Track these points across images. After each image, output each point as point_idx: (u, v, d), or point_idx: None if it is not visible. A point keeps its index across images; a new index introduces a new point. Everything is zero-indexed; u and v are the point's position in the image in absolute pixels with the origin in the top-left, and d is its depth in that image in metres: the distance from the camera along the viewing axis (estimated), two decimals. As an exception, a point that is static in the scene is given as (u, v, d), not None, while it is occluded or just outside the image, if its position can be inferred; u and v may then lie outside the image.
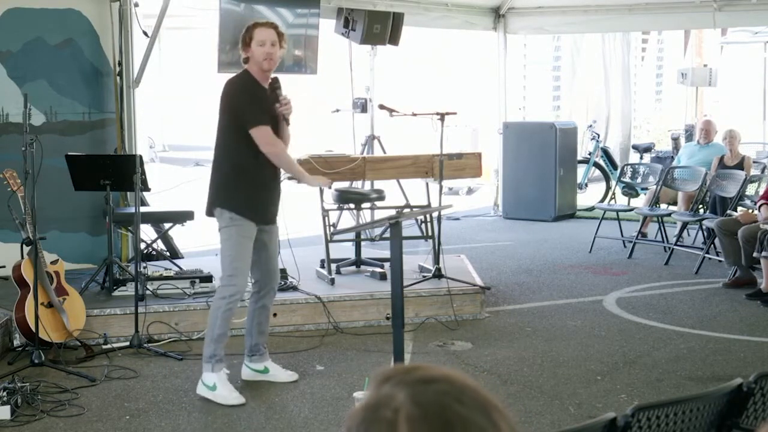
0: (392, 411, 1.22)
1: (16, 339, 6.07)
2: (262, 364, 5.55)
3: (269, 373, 5.53)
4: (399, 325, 4.75)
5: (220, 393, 5.17)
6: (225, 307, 5.22)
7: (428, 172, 7.55)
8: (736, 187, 8.84)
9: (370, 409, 1.25)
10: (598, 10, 11.23)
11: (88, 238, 7.86)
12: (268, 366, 5.56)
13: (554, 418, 4.91)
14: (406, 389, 1.24)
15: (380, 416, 1.23)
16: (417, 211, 7.18)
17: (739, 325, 6.89)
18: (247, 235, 5.23)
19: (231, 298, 5.21)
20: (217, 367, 5.23)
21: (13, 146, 6.73)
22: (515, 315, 7.20)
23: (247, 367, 5.56)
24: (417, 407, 1.22)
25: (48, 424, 4.83)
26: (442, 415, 1.22)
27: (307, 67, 9.06)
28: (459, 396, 1.24)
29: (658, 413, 2.65)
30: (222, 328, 5.23)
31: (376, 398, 1.26)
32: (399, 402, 1.23)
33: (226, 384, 5.23)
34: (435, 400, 1.23)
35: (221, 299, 5.24)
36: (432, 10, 10.68)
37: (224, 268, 5.27)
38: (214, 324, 5.23)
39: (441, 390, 1.24)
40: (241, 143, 5.19)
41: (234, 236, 5.21)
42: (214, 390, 5.19)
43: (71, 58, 7.73)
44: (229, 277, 5.22)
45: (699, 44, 16.85)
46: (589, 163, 12.96)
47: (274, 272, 5.50)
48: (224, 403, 5.13)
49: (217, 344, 5.23)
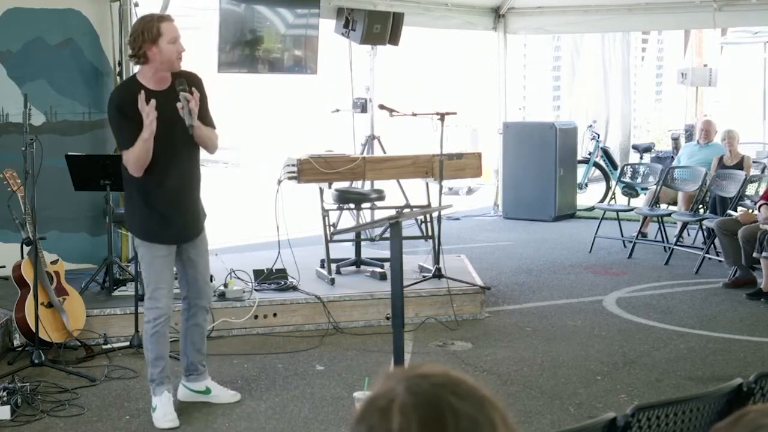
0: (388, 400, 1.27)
1: (16, 339, 6.07)
2: (203, 384, 5.20)
3: (211, 394, 5.20)
4: (399, 325, 4.75)
5: (156, 415, 4.89)
6: (151, 330, 4.90)
7: (428, 172, 7.55)
8: (736, 187, 8.84)
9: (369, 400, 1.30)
10: (598, 10, 11.23)
11: (88, 238, 7.86)
12: (209, 386, 5.22)
13: (554, 418, 4.91)
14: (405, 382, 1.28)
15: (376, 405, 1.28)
16: (417, 211, 7.18)
17: (739, 325, 6.89)
18: (159, 255, 4.87)
19: (155, 321, 4.88)
20: (158, 390, 4.91)
21: (13, 146, 6.73)
22: (515, 315, 7.20)
23: (185, 387, 5.22)
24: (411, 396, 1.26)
25: (48, 424, 4.83)
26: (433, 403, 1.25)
27: (307, 67, 9.06)
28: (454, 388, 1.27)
29: (658, 413, 2.65)
30: (154, 351, 4.90)
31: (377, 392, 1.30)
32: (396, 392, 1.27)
33: (165, 406, 4.91)
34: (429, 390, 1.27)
35: (147, 323, 4.93)
36: (432, 10, 10.68)
37: (145, 290, 4.97)
38: (146, 348, 4.96)
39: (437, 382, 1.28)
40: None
41: (146, 257, 4.91)
42: (153, 410, 4.92)
43: (71, 58, 7.72)
44: (149, 300, 4.90)
45: (699, 44, 16.85)
46: (589, 163, 12.96)
47: (202, 290, 5.10)
48: (157, 425, 4.83)
49: (154, 368, 4.91)
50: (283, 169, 7.14)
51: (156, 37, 4.65)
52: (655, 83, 18.57)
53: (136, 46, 4.70)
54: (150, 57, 4.69)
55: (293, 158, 7.17)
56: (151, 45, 4.66)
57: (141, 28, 4.70)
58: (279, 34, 8.85)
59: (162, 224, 4.87)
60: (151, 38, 4.65)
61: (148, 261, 4.90)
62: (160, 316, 4.90)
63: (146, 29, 4.67)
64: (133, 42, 4.72)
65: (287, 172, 7.13)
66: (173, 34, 4.70)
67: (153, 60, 4.70)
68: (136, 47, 4.70)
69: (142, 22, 4.78)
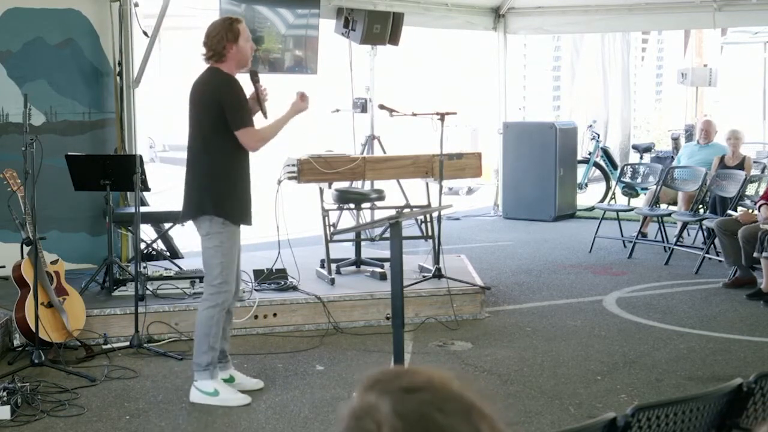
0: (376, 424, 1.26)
1: (16, 339, 6.07)
2: (227, 372, 5.34)
3: (234, 382, 5.33)
4: (399, 325, 4.75)
5: (225, 396, 5.11)
6: (217, 315, 5.12)
7: (428, 172, 7.54)
8: (736, 187, 8.84)
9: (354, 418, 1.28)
10: (598, 10, 11.23)
11: (88, 238, 7.86)
12: (233, 374, 5.37)
13: (554, 418, 4.91)
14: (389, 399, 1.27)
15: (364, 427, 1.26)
16: (417, 211, 7.18)
17: (739, 325, 6.89)
18: (235, 240, 5.15)
19: (223, 305, 5.13)
20: (215, 373, 5.17)
21: (13, 146, 6.73)
22: (515, 315, 7.20)
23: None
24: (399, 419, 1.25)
25: (48, 424, 4.82)
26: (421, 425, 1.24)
27: (307, 67, 9.07)
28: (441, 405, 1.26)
29: (658, 413, 2.65)
30: (217, 335, 5.13)
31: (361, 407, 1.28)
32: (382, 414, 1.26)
33: (227, 386, 5.19)
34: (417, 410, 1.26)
35: (212, 307, 5.11)
36: (432, 10, 10.69)
37: (213, 275, 5.12)
38: (209, 333, 5.11)
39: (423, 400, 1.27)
40: (228, 144, 5.03)
41: (225, 243, 5.08)
42: (216, 395, 5.11)
43: (71, 58, 7.73)
44: (221, 284, 5.09)
45: (699, 44, 16.85)
46: (589, 163, 12.97)
47: (238, 277, 5.38)
48: (232, 405, 5.07)
49: (213, 352, 5.15)
50: (283, 169, 7.14)
51: (237, 35, 5.02)
52: (655, 83, 18.57)
53: (220, 46, 5.01)
54: (229, 55, 5.03)
55: (293, 158, 7.17)
56: (233, 44, 5.01)
57: (223, 29, 5.03)
58: (279, 34, 8.86)
59: (247, 206, 5.18)
60: (233, 37, 5.01)
61: (230, 245, 5.10)
62: (226, 300, 5.15)
63: (228, 29, 5.02)
64: (216, 42, 5.02)
65: (287, 172, 7.12)
66: (247, 33, 5.09)
67: (231, 58, 5.04)
68: (219, 47, 5.02)
69: (223, 23, 5.10)
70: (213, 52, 5.03)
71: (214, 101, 5.03)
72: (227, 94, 5.02)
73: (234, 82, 5.06)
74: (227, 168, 5.09)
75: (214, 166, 5.09)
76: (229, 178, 5.09)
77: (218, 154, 5.07)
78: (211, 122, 5.04)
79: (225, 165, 5.09)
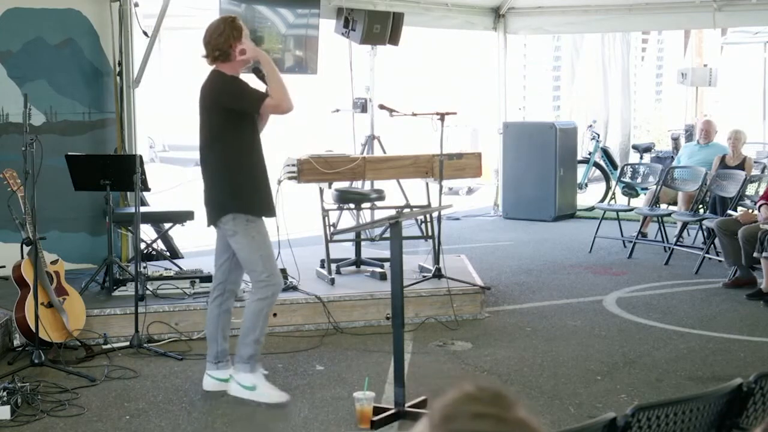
0: None
1: (16, 339, 6.07)
2: (227, 372, 5.28)
3: None
4: (399, 325, 4.76)
5: (262, 392, 5.10)
6: (267, 308, 5.14)
7: (428, 172, 7.54)
8: (736, 187, 8.84)
9: None
10: (598, 10, 11.23)
11: (88, 238, 7.86)
12: (233, 374, 5.28)
13: (554, 418, 4.90)
14: None
15: None
16: (417, 211, 7.18)
17: (739, 325, 6.89)
18: (265, 232, 5.14)
19: (273, 298, 5.14)
20: (256, 368, 5.16)
21: (13, 146, 6.74)
22: (515, 315, 7.20)
23: (210, 376, 5.32)
24: None
25: (48, 424, 4.82)
26: None
27: (307, 67, 9.07)
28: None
29: (658, 413, 2.65)
30: (263, 330, 5.13)
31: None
32: None
33: (267, 383, 5.18)
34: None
35: (262, 300, 5.10)
36: (432, 10, 10.69)
37: (256, 270, 5.08)
38: (256, 326, 5.10)
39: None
40: (242, 140, 5.07)
41: (257, 236, 5.07)
42: (253, 390, 5.10)
43: (71, 58, 7.73)
44: (268, 277, 5.07)
45: (699, 44, 16.85)
46: (589, 163, 12.97)
47: (241, 275, 5.39)
48: (268, 401, 5.06)
49: (258, 346, 5.14)
50: (283, 169, 7.14)
51: (240, 34, 4.99)
52: (655, 83, 18.57)
53: (226, 45, 4.97)
54: (232, 54, 4.98)
55: (293, 158, 7.17)
56: (237, 42, 4.97)
57: (228, 27, 4.99)
58: (279, 34, 8.86)
59: (267, 198, 5.19)
60: (238, 35, 4.99)
61: (261, 239, 5.08)
62: (276, 292, 5.14)
63: (233, 27, 4.99)
64: (223, 42, 4.97)
65: (287, 171, 7.12)
66: (247, 30, 5.06)
67: (236, 56, 4.99)
68: (225, 46, 4.97)
69: (225, 22, 5.06)
70: (219, 52, 5.00)
71: (219, 104, 5.04)
72: (231, 93, 5.03)
73: (235, 79, 5.06)
74: (240, 164, 5.08)
75: (226, 165, 5.08)
76: (244, 173, 5.09)
77: (229, 153, 5.07)
78: (219, 123, 5.06)
79: (238, 161, 5.08)
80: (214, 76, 5.08)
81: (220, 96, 5.05)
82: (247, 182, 5.09)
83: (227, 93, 5.04)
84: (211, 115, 5.08)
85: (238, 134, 5.07)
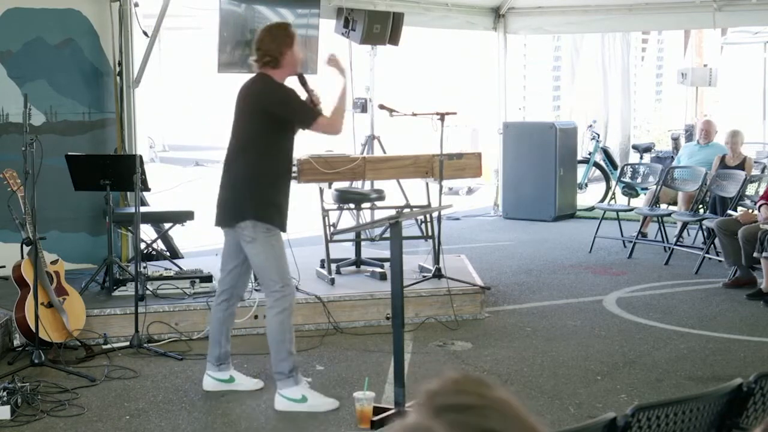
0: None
1: (16, 339, 6.07)
2: (227, 373, 5.33)
3: (235, 382, 5.34)
4: (399, 325, 4.75)
5: (314, 403, 5.03)
6: (288, 320, 5.05)
7: (428, 172, 7.54)
8: (736, 187, 8.84)
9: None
10: (598, 10, 11.23)
11: (88, 238, 7.86)
12: (233, 374, 5.36)
13: (554, 418, 4.90)
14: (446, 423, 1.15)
15: None
16: (417, 211, 7.18)
17: (739, 325, 6.89)
18: (282, 243, 5.09)
19: (291, 307, 5.07)
20: (299, 379, 5.09)
21: (13, 146, 6.74)
22: (515, 315, 7.20)
23: (211, 377, 5.32)
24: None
25: (48, 424, 4.82)
26: None
27: (307, 67, 9.05)
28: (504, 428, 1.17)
29: (658, 413, 2.65)
30: (292, 340, 5.06)
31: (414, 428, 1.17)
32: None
33: (314, 392, 5.12)
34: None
35: (280, 313, 5.03)
36: (432, 10, 10.68)
37: (272, 279, 5.04)
38: (284, 339, 5.03)
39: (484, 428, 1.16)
40: (278, 150, 5.04)
41: (275, 246, 5.02)
42: (305, 401, 5.02)
43: (71, 58, 7.73)
44: (283, 288, 5.02)
45: (699, 44, 16.85)
46: (589, 163, 12.97)
47: (249, 280, 5.46)
48: (321, 410, 5.00)
49: (293, 357, 5.07)
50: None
51: (292, 41, 5.03)
52: (655, 83, 18.57)
53: (278, 51, 4.98)
54: (284, 61, 5.00)
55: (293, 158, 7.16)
56: (289, 49, 5.00)
57: (282, 34, 5.04)
58: (279, 34, 8.84)
59: (287, 213, 5.15)
60: (290, 42, 5.02)
61: (278, 250, 5.04)
62: (293, 302, 5.11)
63: (286, 34, 5.03)
64: (275, 48, 4.99)
65: (287, 172, 7.12)
66: (297, 39, 5.09)
67: (286, 64, 5.01)
68: (277, 52, 4.99)
69: (280, 28, 5.14)
70: (270, 58, 4.99)
71: (262, 108, 5.00)
72: (279, 99, 4.99)
73: (284, 87, 5.03)
74: (271, 173, 5.04)
75: (257, 172, 5.02)
76: (273, 184, 5.05)
77: (262, 160, 5.02)
78: (257, 129, 5.03)
79: (269, 170, 5.04)
80: (260, 79, 5.04)
81: (266, 100, 5.00)
82: (274, 194, 5.06)
83: (275, 98, 5.00)
84: (252, 118, 5.04)
85: (274, 142, 5.04)
